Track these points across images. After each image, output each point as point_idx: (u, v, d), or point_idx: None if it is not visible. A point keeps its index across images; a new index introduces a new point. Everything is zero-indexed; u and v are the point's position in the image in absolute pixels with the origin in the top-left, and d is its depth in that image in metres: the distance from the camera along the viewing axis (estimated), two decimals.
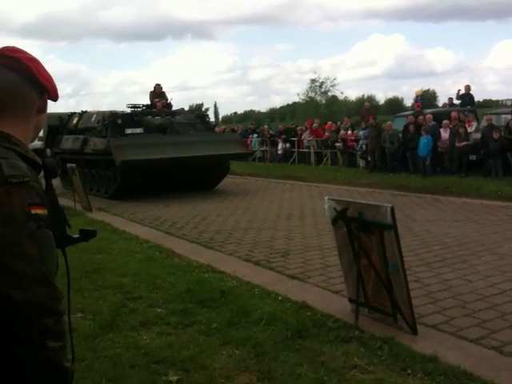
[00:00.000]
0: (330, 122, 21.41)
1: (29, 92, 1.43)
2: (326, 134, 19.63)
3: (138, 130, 13.43)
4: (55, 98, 1.52)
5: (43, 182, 1.44)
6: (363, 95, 74.12)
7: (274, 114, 75.56)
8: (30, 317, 1.20)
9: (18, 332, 1.19)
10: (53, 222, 1.37)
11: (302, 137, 20.76)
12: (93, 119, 14.62)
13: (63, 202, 11.24)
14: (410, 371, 3.34)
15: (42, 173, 1.44)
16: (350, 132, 18.66)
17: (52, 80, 1.49)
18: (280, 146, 21.97)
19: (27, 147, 1.39)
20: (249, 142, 22.53)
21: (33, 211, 1.25)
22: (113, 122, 13.34)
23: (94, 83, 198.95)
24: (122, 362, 3.55)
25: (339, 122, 21.10)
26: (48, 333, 1.22)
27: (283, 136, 21.90)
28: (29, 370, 1.21)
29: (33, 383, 1.23)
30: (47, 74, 1.47)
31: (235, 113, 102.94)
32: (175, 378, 3.33)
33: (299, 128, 21.85)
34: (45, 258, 1.26)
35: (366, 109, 20.41)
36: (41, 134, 18.32)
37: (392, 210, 3.94)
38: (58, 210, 1.48)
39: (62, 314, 1.28)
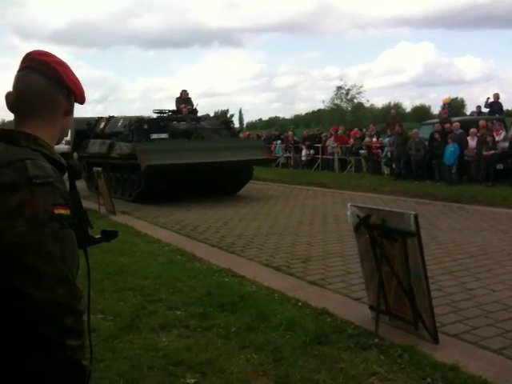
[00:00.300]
0: (355, 129, 21.30)
1: (56, 95, 1.46)
2: (351, 140, 19.52)
3: (164, 135, 13.55)
4: (82, 100, 1.55)
5: (68, 183, 1.46)
6: (390, 103, 73.55)
7: (299, 121, 75.45)
8: (52, 316, 1.21)
9: (39, 330, 1.20)
10: (75, 223, 1.39)
11: (327, 143, 20.69)
12: (119, 124, 14.83)
13: (88, 204, 11.45)
14: (430, 380, 3.29)
15: (66, 174, 1.47)
16: (374, 139, 18.52)
17: (79, 83, 1.52)
18: (304, 152, 21.93)
19: (53, 149, 1.42)
20: (273, 148, 22.56)
21: (56, 211, 1.27)
22: (139, 127, 13.50)
23: (121, 89, 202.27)
24: (140, 363, 3.58)
25: (364, 129, 20.98)
26: (68, 331, 1.24)
27: (307, 142, 21.86)
28: (48, 367, 1.22)
29: (51, 381, 1.24)
30: (75, 77, 1.51)
31: (260, 119, 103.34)
32: (193, 380, 3.33)
33: (324, 134, 21.78)
34: (67, 257, 1.28)
35: (392, 116, 20.26)
36: (68, 137, 18.67)
37: (416, 217, 3.89)
38: (81, 211, 1.50)
39: (81, 313, 1.30)
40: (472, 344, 3.92)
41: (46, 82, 1.43)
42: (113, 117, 15.88)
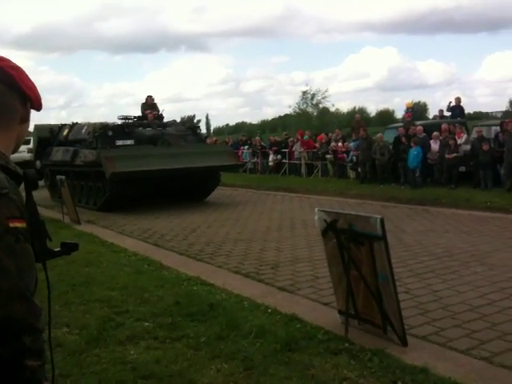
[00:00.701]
0: (322, 134, 21.50)
1: (11, 101, 1.40)
2: (317, 145, 19.69)
3: (129, 142, 13.39)
4: (39, 107, 1.49)
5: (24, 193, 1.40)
6: (355, 107, 74.55)
7: (266, 126, 75.74)
8: (8, 335, 1.16)
9: None
10: (33, 236, 1.33)
11: (293, 148, 20.81)
12: (83, 131, 14.58)
13: (52, 213, 11.21)
14: (400, 383, 3.31)
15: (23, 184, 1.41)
16: (340, 144, 18.72)
17: (36, 89, 1.46)
18: (271, 157, 22.00)
19: (8, 158, 1.36)
20: (240, 153, 22.56)
21: (11, 224, 1.21)
22: (103, 134, 13.30)
23: (86, 95, 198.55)
24: (108, 377, 3.49)
25: (330, 134, 21.19)
26: (27, 351, 1.18)
27: (274, 148, 21.94)
28: None
29: None
30: (31, 82, 1.45)
31: (227, 125, 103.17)
32: None
33: (290, 140, 21.91)
34: (23, 273, 1.22)
35: (356, 120, 20.52)
36: (30, 145, 18.26)
37: (382, 221, 3.93)
38: (38, 223, 1.44)
39: (40, 332, 1.24)
40: (440, 345, 3.98)
41: (1, 87, 1.37)
42: (76, 123, 15.60)
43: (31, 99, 1.44)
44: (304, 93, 40.31)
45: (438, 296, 5.22)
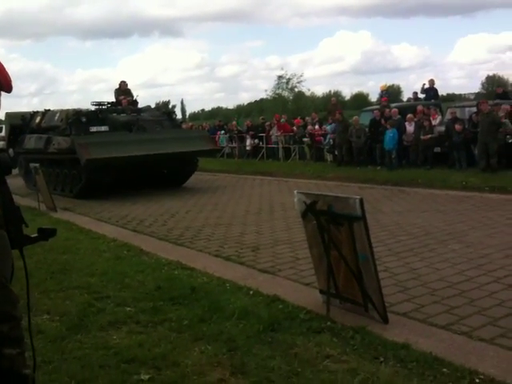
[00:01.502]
0: (298, 118, 21.51)
1: None
2: (294, 128, 19.70)
3: (103, 128, 13.20)
4: (9, 89, 1.44)
5: None
6: (330, 91, 74.62)
7: (242, 111, 75.40)
8: None
9: None
10: (8, 222, 1.28)
11: (270, 133, 20.78)
12: (56, 118, 14.32)
13: (27, 202, 11.02)
14: (382, 359, 3.36)
15: None
16: (317, 127, 18.76)
17: (4, 70, 1.41)
18: (248, 142, 21.94)
19: None
20: (217, 138, 22.44)
21: None
22: (77, 120, 13.10)
23: (59, 82, 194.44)
24: (91, 362, 3.46)
25: (307, 118, 21.21)
26: (4, 340, 1.14)
27: (251, 132, 21.87)
28: None
29: None
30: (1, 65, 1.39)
31: (203, 110, 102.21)
32: (147, 376, 3.25)
33: (267, 124, 21.87)
34: None
35: (332, 104, 20.60)
36: (3, 133, 17.88)
37: (361, 201, 3.94)
38: (13, 209, 1.39)
39: (18, 319, 1.20)
40: (420, 322, 4.04)
41: None
42: (49, 110, 15.31)
43: (0, 81, 1.39)
44: (279, 77, 40.12)
45: (416, 274, 5.29)
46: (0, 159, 1.39)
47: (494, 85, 54.41)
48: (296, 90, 40.39)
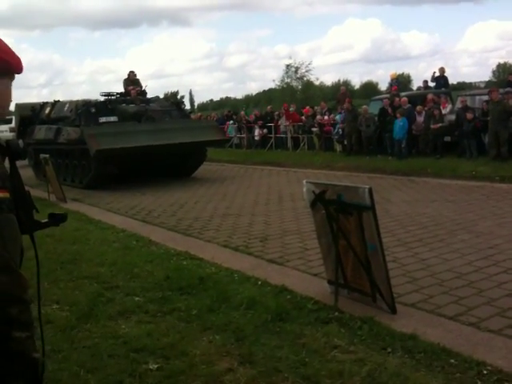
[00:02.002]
0: (307, 107, 21.41)
1: None
2: (303, 118, 19.62)
3: (113, 119, 13.23)
4: (19, 70, 1.43)
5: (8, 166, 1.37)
6: (339, 80, 74.23)
7: (250, 101, 75.20)
8: None
9: None
10: (18, 207, 1.30)
11: (279, 122, 20.71)
12: (66, 108, 14.37)
13: (37, 193, 11.09)
14: (390, 350, 3.36)
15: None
16: (326, 117, 18.67)
17: (10, 50, 1.40)
18: (257, 132, 21.89)
19: None
20: (225, 128, 22.41)
21: None
22: (86, 111, 13.13)
23: (67, 72, 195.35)
24: (100, 351, 3.49)
25: (316, 107, 21.10)
26: (13, 323, 1.16)
27: (260, 122, 21.81)
28: None
29: (1, 375, 1.17)
30: (6, 46, 1.39)
31: (211, 100, 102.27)
32: (155, 365, 3.28)
33: (276, 113, 21.78)
34: (7, 243, 1.19)
35: (342, 93, 20.44)
36: (12, 124, 17.99)
37: (370, 191, 3.93)
38: (24, 194, 1.40)
39: (27, 303, 1.21)
40: (428, 312, 4.03)
41: None
42: (58, 101, 15.36)
43: (9, 62, 1.38)
44: (287, 66, 39.93)
45: (425, 264, 5.28)
46: (11, 144, 1.40)
47: (505, 73, 53.74)
48: (305, 79, 40.19)
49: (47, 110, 15.28)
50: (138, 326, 3.91)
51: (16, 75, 1.45)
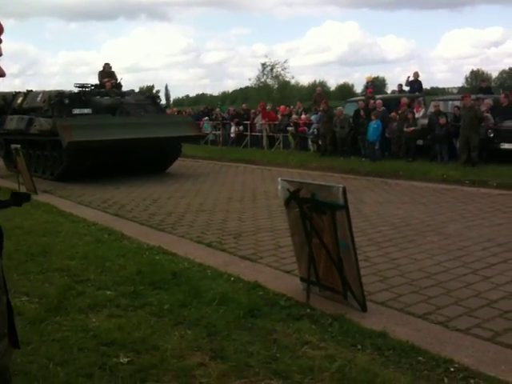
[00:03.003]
0: (283, 106, 21.47)
1: None
2: (279, 117, 19.68)
3: (86, 111, 13.05)
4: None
5: None
6: (315, 81, 74.62)
7: (226, 98, 75.00)
8: None
9: None
10: None
11: (255, 121, 20.73)
12: (38, 99, 14.10)
13: (7, 184, 10.88)
14: (359, 347, 3.40)
15: None
16: (302, 116, 18.76)
17: None
18: (233, 129, 21.87)
19: None
20: (201, 124, 22.33)
21: None
22: (59, 102, 12.92)
23: (41, 63, 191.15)
24: (69, 344, 3.45)
25: (292, 106, 21.19)
26: None
27: (236, 119, 21.80)
28: None
29: None
30: None
31: (187, 96, 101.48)
32: (126, 359, 3.26)
33: (252, 111, 21.79)
34: None
35: (318, 93, 20.57)
36: None
37: (344, 190, 3.97)
38: None
39: None
40: (398, 311, 4.10)
41: None
42: (31, 91, 15.06)
43: None
44: (263, 65, 39.92)
45: (396, 264, 5.36)
46: None
47: (477, 80, 54.91)
48: (281, 78, 40.25)
49: (19, 100, 14.97)
50: (108, 320, 3.88)
51: None
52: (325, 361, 3.21)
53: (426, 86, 23.33)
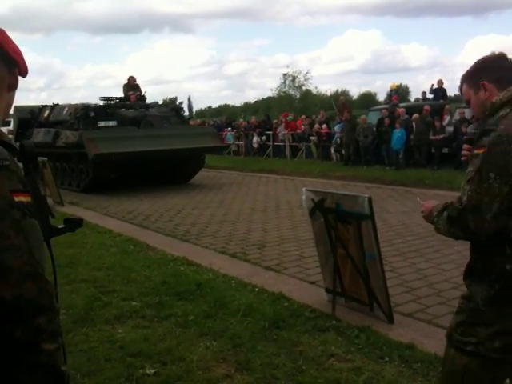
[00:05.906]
0: (303, 116, 21.47)
1: None
2: (302, 126, 19.68)
3: (111, 123, 13.23)
4: (25, 73, 1.39)
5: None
6: (337, 90, 74.45)
7: (248, 109, 75.30)
8: (22, 316, 1.07)
9: (10, 333, 1.06)
10: (36, 211, 1.25)
11: (277, 130, 20.76)
12: (64, 112, 14.37)
13: None
14: (387, 359, 3.36)
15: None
16: (324, 126, 18.72)
17: (21, 53, 1.36)
18: (255, 139, 21.93)
19: (1, 130, 1.25)
20: (224, 135, 22.45)
21: (16, 198, 1.11)
22: (85, 115, 13.12)
23: (67, 77, 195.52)
24: (96, 356, 3.48)
25: (314, 116, 21.17)
26: (43, 333, 1.10)
27: (258, 129, 21.85)
28: (23, 374, 1.08)
29: None
30: (16, 46, 1.33)
31: (209, 107, 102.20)
32: (152, 370, 3.27)
33: (274, 122, 21.83)
34: (33, 250, 1.13)
35: (341, 103, 20.53)
36: (11, 127, 17.94)
37: (370, 200, 3.94)
38: (40, 198, 1.35)
39: (55, 312, 1.14)
40: (425, 322, 4.04)
41: None
42: (57, 105, 15.37)
43: (18, 63, 1.32)
44: (285, 75, 40.02)
45: (422, 274, 5.29)
46: (24, 146, 1.32)
47: None
48: (303, 88, 40.30)
49: (46, 113, 15.28)
50: (134, 331, 3.90)
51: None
52: (352, 373, 3.17)
53: (450, 93, 23.06)
